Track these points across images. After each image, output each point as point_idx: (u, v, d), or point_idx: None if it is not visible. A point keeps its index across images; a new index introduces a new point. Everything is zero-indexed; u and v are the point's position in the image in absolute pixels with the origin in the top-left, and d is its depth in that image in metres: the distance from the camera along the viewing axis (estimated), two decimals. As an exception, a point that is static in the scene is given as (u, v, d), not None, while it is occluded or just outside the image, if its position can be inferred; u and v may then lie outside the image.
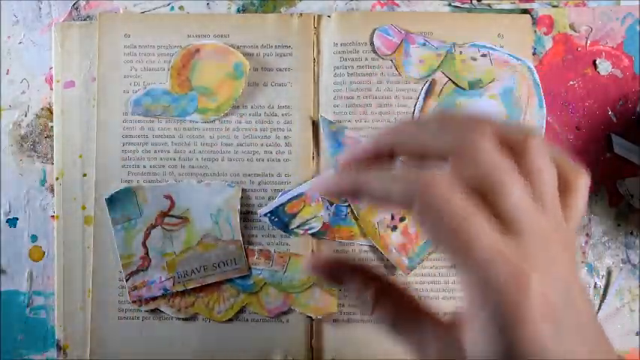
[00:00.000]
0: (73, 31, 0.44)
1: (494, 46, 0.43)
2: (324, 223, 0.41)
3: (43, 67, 0.45)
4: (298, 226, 0.41)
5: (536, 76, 0.43)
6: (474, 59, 0.43)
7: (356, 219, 0.41)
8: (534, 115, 0.43)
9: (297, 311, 0.42)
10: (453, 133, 0.22)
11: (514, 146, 0.22)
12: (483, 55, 0.43)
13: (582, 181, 0.24)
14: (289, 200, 0.41)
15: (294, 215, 0.41)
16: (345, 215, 0.41)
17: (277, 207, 0.41)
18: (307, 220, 0.41)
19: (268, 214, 0.41)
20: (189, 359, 0.42)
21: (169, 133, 0.43)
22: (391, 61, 0.43)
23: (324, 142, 0.42)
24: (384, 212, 0.40)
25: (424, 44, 0.43)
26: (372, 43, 0.43)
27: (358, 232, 0.42)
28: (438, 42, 0.43)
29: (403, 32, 0.43)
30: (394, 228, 0.40)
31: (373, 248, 0.42)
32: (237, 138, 0.43)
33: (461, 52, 0.43)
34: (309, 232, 0.41)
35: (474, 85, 0.43)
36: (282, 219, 0.41)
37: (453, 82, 0.43)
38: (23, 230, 0.44)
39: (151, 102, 0.43)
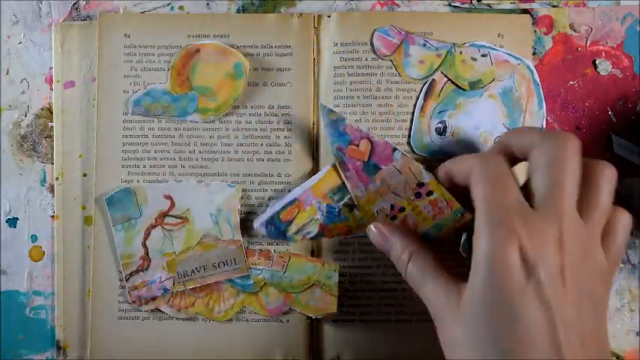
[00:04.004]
0: (73, 31, 0.44)
1: (494, 46, 0.43)
2: (319, 225, 0.41)
3: (43, 67, 0.45)
4: (296, 233, 0.41)
5: (536, 76, 0.43)
6: (474, 59, 0.43)
7: (350, 212, 0.40)
8: (534, 115, 0.43)
9: (297, 311, 0.42)
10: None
11: (588, 170, 0.32)
12: (483, 55, 0.43)
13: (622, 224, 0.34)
14: (283, 207, 0.41)
15: (289, 222, 0.41)
16: (339, 212, 0.40)
17: (272, 215, 0.41)
18: (304, 226, 0.41)
19: (264, 225, 0.41)
20: (189, 359, 0.42)
21: (169, 133, 0.43)
22: (391, 61, 0.43)
23: (325, 131, 0.41)
24: (384, 202, 0.40)
25: (424, 44, 0.43)
26: (372, 44, 0.43)
27: (354, 224, 0.41)
28: (438, 42, 0.43)
29: (403, 32, 0.43)
30: (393, 218, 0.40)
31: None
32: (237, 138, 0.43)
33: (461, 52, 0.43)
34: (308, 237, 0.41)
35: (474, 85, 0.43)
36: (278, 227, 0.41)
37: (453, 82, 0.43)
38: (23, 230, 0.44)
39: (151, 102, 0.43)
